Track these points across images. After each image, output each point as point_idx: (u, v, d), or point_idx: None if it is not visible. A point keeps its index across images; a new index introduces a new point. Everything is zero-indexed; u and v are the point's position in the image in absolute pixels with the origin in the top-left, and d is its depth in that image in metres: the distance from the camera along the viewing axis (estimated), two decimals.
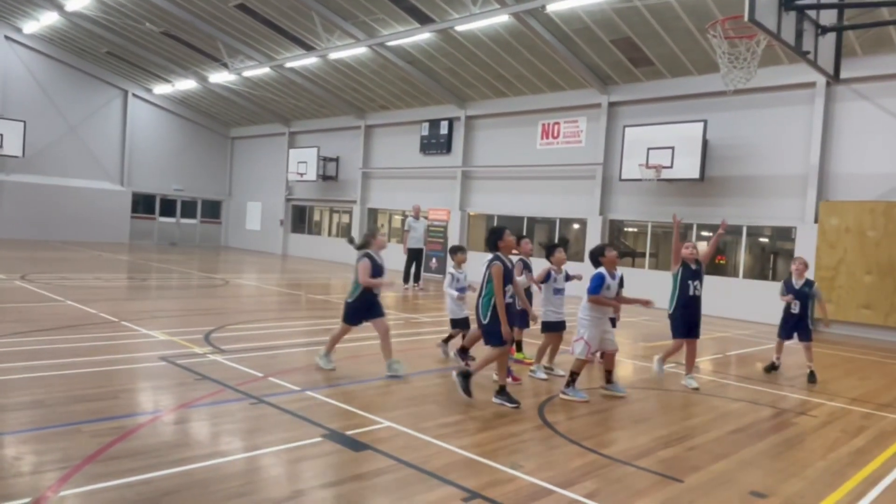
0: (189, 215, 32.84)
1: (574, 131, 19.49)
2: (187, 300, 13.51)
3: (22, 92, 27.07)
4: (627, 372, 8.88)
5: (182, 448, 4.77)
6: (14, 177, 26.79)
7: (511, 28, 16.63)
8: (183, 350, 8.03)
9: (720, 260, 17.67)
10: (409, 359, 8.55)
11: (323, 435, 5.14)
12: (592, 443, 5.41)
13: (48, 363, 6.95)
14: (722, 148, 16.22)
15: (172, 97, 30.81)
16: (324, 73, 23.24)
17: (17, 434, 4.82)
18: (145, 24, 22.60)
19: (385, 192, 25.56)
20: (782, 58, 14.64)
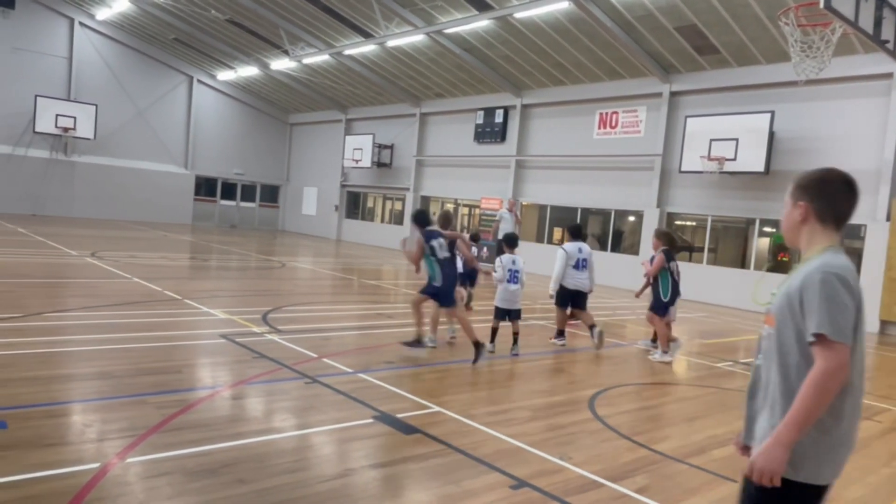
0: (248, 199, 33.74)
1: (633, 121, 19.07)
2: (246, 281, 13.91)
3: (94, 76, 28.26)
4: (681, 368, 8.69)
5: (239, 423, 4.94)
6: (85, 158, 28.04)
7: (571, 15, 16.35)
8: (242, 329, 8.29)
9: (783, 257, 17.05)
10: (459, 346, 8.60)
11: (374, 417, 5.23)
12: (644, 438, 5.34)
13: (116, 336, 7.30)
14: (789, 140, 15.59)
15: (235, 83, 31.61)
16: (381, 60, 23.40)
17: (86, 402, 5.09)
18: (211, 11, 23.22)
19: (438, 180, 25.64)
20: (857, 47, 13.94)
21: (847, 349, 2.12)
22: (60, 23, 27.25)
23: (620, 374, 7.83)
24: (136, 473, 3.86)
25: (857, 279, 2.23)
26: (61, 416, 4.74)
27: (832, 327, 2.11)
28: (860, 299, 2.21)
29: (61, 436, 4.35)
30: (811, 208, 2.36)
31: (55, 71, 27.28)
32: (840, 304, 2.14)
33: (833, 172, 2.39)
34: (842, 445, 2.22)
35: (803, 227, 2.39)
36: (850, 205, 2.36)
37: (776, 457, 2.12)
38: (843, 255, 2.29)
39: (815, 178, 2.39)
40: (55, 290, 10.24)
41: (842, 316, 2.13)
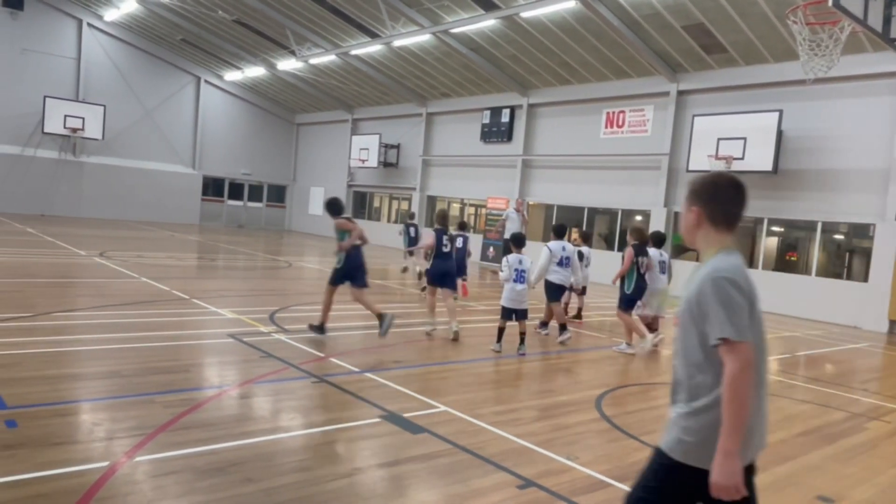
0: (255, 199, 33.84)
1: (640, 120, 19.02)
2: (253, 280, 13.95)
3: (102, 77, 28.41)
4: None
5: (247, 422, 4.96)
6: (94, 158, 28.19)
7: (578, 14, 16.32)
8: (249, 328, 8.32)
9: (791, 256, 16.97)
10: (466, 345, 8.60)
11: (381, 416, 5.24)
12: (652, 438, 5.32)
13: (124, 336, 7.33)
14: (797, 139, 15.51)
15: (242, 84, 31.70)
16: (387, 60, 23.42)
17: (95, 402, 5.11)
18: (218, 12, 23.29)
19: (445, 179, 25.64)
20: (866, 45, 13.85)
21: (750, 346, 2.24)
22: (68, 24, 27.41)
23: (627, 374, 7.82)
24: (144, 472, 3.88)
25: (747, 276, 2.35)
26: (70, 415, 4.76)
27: (733, 329, 2.23)
28: (752, 295, 2.33)
29: (70, 434, 4.38)
30: (703, 213, 2.48)
31: (63, 72, 27.43)
32: (735, 306, 2.26)
33: (722, 177, 2.52)
34: (750, 433, 2.29)
35: (698, 231, 2.50)
36: (740, 207, 2.48)
37: (729, 469, 2.22)
38: (734, 255, 2.41)
39: (706, 183, 2.51)
40: (64, 290, 10.30)
41: (737, 316, 2.25)
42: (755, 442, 2.35)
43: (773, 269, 16.55)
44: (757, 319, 2.35)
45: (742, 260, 2.42)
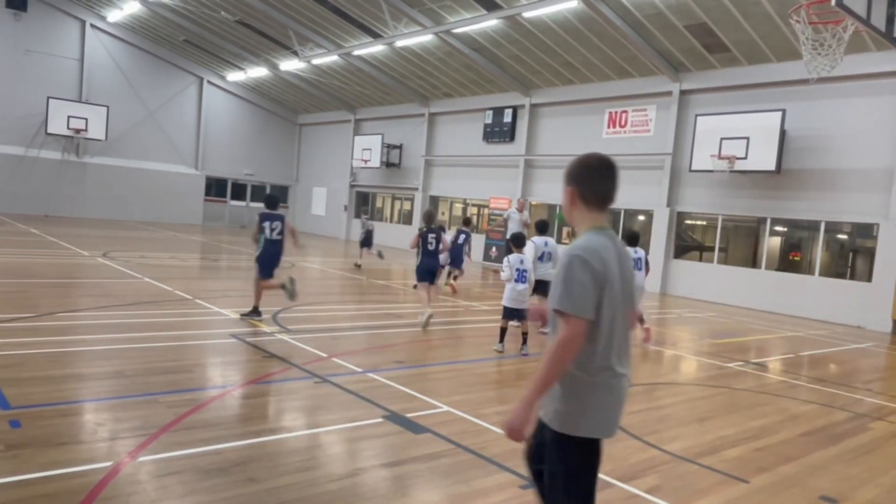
0: (258, 199, 33.84)
1: (642, 120, 19.00)
2: None
3: (105, 78, 28.46)
4: (692, 368, 8.65)
5: (250, 422, 4.97)
6: (97, 159, 28.24)
7: (580, 14, 16.31)
8: (252, 328, 8.33)
9: (794, 256, 16.94)
10: (468, 345, 8.60)
11: (384, 416, 5.24)
12: (654, 438, 5.32)
13: (127, 336, 7.34)
14: (801, 139, 15.48)
15: (245, 84, 31.74)
16: (390, 60, 23.43)
17: (98, 402, 5.12)
18: (221, 12, 23.33)
19: (447, 179, 25.64)
20: (869, 44, 13.82)
21: (581, 322, 2.37)
22: (72, 25, 27.46)
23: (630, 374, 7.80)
24: (147, 472, 3.89)
25: (606, 257, 2.46)
26: (74, 415, 4.78)
27: (568, 303, 2.37)
28: (605, 275, 2.43)
29: (74, 435, 4.39)
30: (576, 192, 2.61)
31: (67, 73, 27.49)
32: (576, 282, 2.39)
33: (592, 157, 2.63)
34: (600, 405, 2.47)
35: (573, 210, 2.64)
36: (610, 185, 2.61)
37: (522, 416, 2.42)
38: (602, 235, 2.54)
39: (578, 164, 2.63)
40: (67, 291, 10.32)
41: (578, 293, 2.38)
42: (607, 418, 2.50)
43: (776, 268, 16.52)
44: (612, 299, 2.45)
45: (610, 241, 2.53)
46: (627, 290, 2.55)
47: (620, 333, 2.52)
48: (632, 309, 2.62)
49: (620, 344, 2.53)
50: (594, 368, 2.46)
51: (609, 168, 2.62)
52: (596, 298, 2.41)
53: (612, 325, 2.47)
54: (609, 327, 2.46)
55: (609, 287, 2.44)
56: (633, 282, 2.65)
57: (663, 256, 18.05)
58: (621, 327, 2.52)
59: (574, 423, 2.47)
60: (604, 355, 2.47)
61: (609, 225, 2.61)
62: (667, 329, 11.91)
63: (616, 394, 2.52)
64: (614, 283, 2.47)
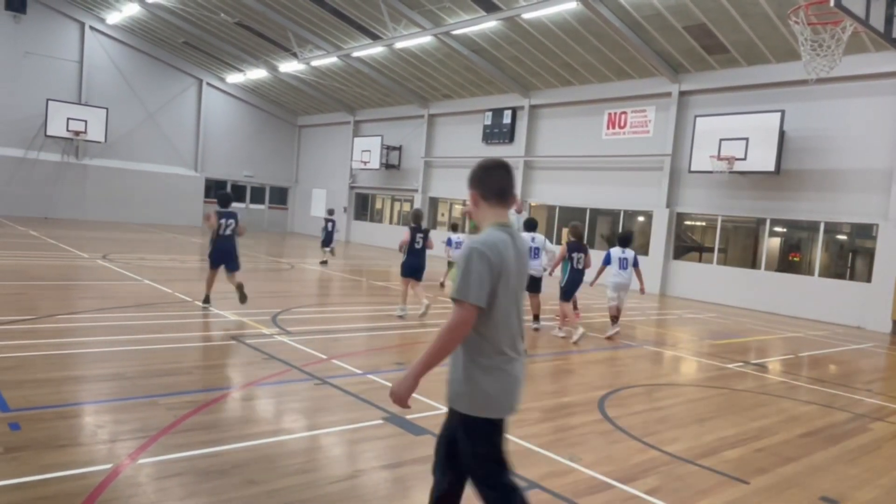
0: (258, 201, 33.88)
1: (642, 121, 19.01)
2: (256, 283, 13.94)
3: (105, 80, 28.46)
4: (692, 369, 8.65)
5: (250, 424, 4.96)
6: (96, 161, 28.24)
7: (579, 15, 16.32)
8: (252, 330, 8.33)
9: (794, 257, 16.94)
10: None
11: (384, 418, 5.24)
12: (654, 439, 5.32)
13: (127, 338, 7.34)
14: (800, 139, 15.49)
15: (244, 86, 31.75)
16: (389, 62, 23.44)
17: (98, 404, 5.12)
18: (220, 14, 23.34)
19: (446, 181, 25.64)
20: (868, 45, 13.84)
21: (471, 308, 2.61)
22: (71, 27, 27.47)
23: (630, 375, 7.81)
24: (147, 474, 3.88)
25: (503, 250, 2.69)
26: (73, 418, 4.77)
27: (460, 291, 2.62)
28: (502, 266, 2.67)
29: (74, 437, 4.38)
30: (478, 194, 2.86)
31: (66, 75, 27.49)
32: (472, 272, 2.62)
33: (488, 161, 2.91)
34: (497, 388, 2.72)
35: (478, 210, 2.88)
36: (506, 181, 2.86)
37: (404, 385, 2.73)
38: (502, 231, 2.77)
39: (476, 169, 2.89)
40: (67, 293, 10.32)
41: (472, 282, 2.61)
42: (504, 400, 2.76)
43: (776, 269, 16.52)
44: (507, 290, 2.71)
45: (509, 236, 2.77)
46: (522, 282, 2.85)
47: (515, 321, 2.78)
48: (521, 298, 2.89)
49: (514, 331, 2.79)
50: (490, 354, 2.71)
51: (503, 167, 2.88)
52: (491, 288, 2.64)
53: (507, 314, 2.73)
54: (504, 316, 2.72)
55: (505, 278, 2.69)
56: (526, 274, 2.94)
57: (663, 257, 18.05)
58: (515, 316, 2.79)
59: (475, 404, 2.72)
60: (499, 342, 2.72)
61: (509, 221, 2.87)
62: (666, 330, 11.92)
63: (512, 376, 2.77)
64: (510, 276, 2.72)
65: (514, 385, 2.79)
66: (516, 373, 2.79)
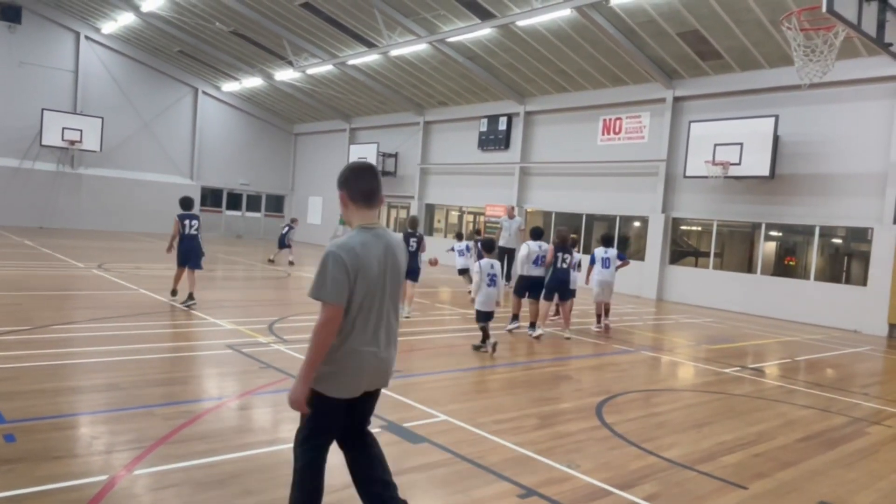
0: (254, 209, 33.85)
1: (636, 127, 19.08)
2: (252, 291, 13.94)
3: (100, 89, 28.46)
4: (689, 374, 8.65)
5: (246, 433, 4.94)
6: (92, 170, 28.21)
7: (573, 22, 16.40)
8: (248, 339, 8.30)
9: (789, 261, 16.99)
10: (466, 354, 8.59)
11: (381, 426, 5.22)
12: (652, 445, 5.31)
13: (123, 348, 7.31)
14: (794, 144, 15.57)
15: (240, 94, 31.78)
16: (385, 69, 23.50)
17: (94, 415, 5.09)
18: (215, 23, 23.38)
19: (443, 187, 25.68)
20: (861, 50, 13.93)
21: (333, 307, 2.88)
22: (66, 37, 27.48)
23: (628, 381, 7.80)
24: (143, 485, 3.86)
25: (359, 252, 2.94)
26: (69, 429, 4.75)
27: (318, 292, 2.88)
28: (359, 267, 2.93)
29: (69, 448, 4.36)
30: (346, 195, 3.07)
31: (61, 84, 27.48)
32: (327, 275, 2.88)
33: (355, 164, 3.16)
34: (347, 374, 3.02)
35: (347, 211, 3.10)
36: (372, 183, 3.09)
37: (298, 390, 2.99)
38: (366, 233, 3.02)
39: (344, 171, 3.11)
40: (62, 303, 10.28)
41: (329, 283, 2.87)
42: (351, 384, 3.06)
43: (771, 273, 16.57)
44: (367, 288, 2.96)
45: (375, 237, 3.02)
46: (393, 278, 3.11)
47: (374, 316, 3.04)
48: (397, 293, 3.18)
49: (377, 325, 3.06)
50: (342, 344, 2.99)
51: (369, 170, 3.12)
52: (348, 288, 2.90)
53: (367, 310, 3.00)
54: (363, 311, 2.99)
55: (362, 278, 2.94)
56: (401, 270, 3.18)
57: (659, 262, 18.09)
58: (375, 311, 3.04)
59: (324, 383, 3.01)
60: (353, 334, 2.99)
61: (377, 221, 3.11)
62: (663, 335, 11.92)
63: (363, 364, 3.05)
64: (369, 275, 2.96)
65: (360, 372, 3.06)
66: (367, 363, 3.06)
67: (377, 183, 3.09)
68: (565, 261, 10.42)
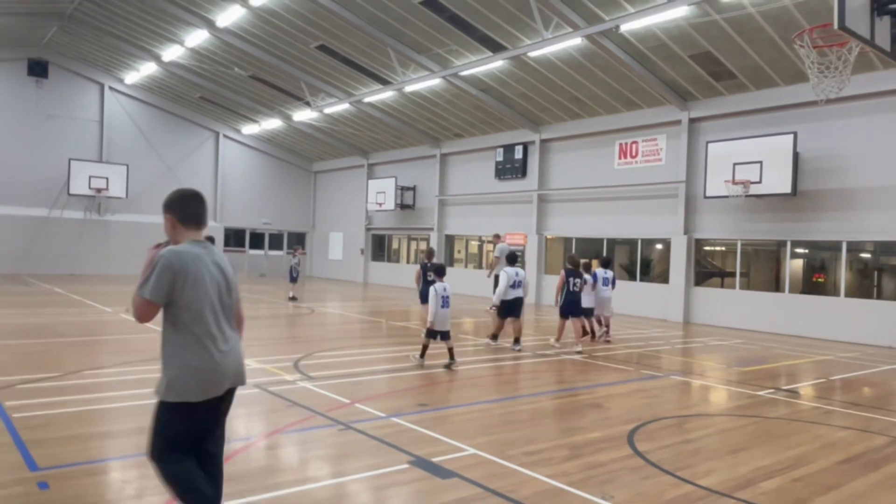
0: (276, 247, 34.22)
1: (653, 149, 19.06)
2: (277, 329, 14.02)
3: (124, 138, 29.24)
4: (722, 398, 8.47)
5: (276, 473, 4.93)
6: (118, 217, 28.82)
7: (584, 50, 16.55)
8: (274, 377, 8.32)
9: (818, 278, 16.68)
10: (492, 385, 8.51)
11: (409, 461, 5.17)
12: (687, 473, 5.19)
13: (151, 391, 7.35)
14: (815, 160, 15.41)
15: (259, 136, 32.43)
16: (400, 105, 23.86)
17: (125, 459, 5.12)
18: (234, 69, 24.00)
19: (461, 218, 25.78)
20: (876, 63, 13.85)
21: (146, 303, 3.28)
22: (91, 88, 28.39)
23: (658, 407, 7.66)
24: None
25: (186, 259, 3.31)
26: (101, 474, 4.78)
27: (146, 290, 3.28)
28: (185, 271, 3.29)
29: (101, 494, 4.38)
30: (174, 218, 3.49)
31: (87, 134, 28.31)
32: (155, 276, 3.26)
33: (181, 190, 3.56)
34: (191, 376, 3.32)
35: (174, 231, 3.50)
36: (199, 208, 3.53)
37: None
38: (196, 247, 3.42)
39: (172, 196, 3.53)
40: (91, 348, 10.42)
41: (151, 282, 3.26)
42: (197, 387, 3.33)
43: (800, 291, 16.27)
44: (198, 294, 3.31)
45: (204, 250, 3.42)
46: (225, 290, 3.46)
47: (211, 319, 3.35)
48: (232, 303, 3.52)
49: (212, 328, 3.36)
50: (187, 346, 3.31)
51: (196, 196, 3.54)
52: (169, 289, 3.26)
53: (199, 314, 3.32)
54: (196, 315, 3.31)
55: (191, 283, 3.28)
56: (232, 281, 3.52)
57: (684, 285, 17.87)
58: (212, 316, 3.36)
59: (168, 390, 3.33)
60: (188, 336, 3.31)
61: (204, 239, 3.50)
62: (693, 358, 11.72)
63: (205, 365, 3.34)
64: (199, 281, 3.31)
65: (203, 372, 3.34)
66: (212, 364, 3.36)
67: (204, 208, 3.54)
68: (576, 285, 11.56)
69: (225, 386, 3.46)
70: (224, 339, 3.43)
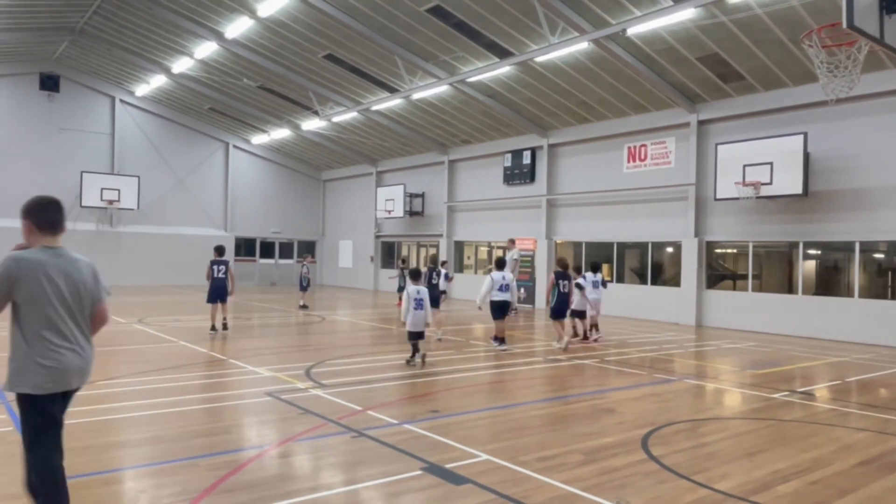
0: (286, 256, 34.36)
1: (662, 152, 19.00)
2: (288, 337, 14.06)
3: (135, 150, 29.51)
4: (736, 401, 8.41)
5: (290, 481, 4.94)
6: (130, 228, 29.05)
7: (591, 54, 16.55)
8: (286, 385, 8.34)
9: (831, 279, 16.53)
10: (504, 390, 8.49)
11: (422, 468, 5.17)
12: (703, 477, 5.15)
13: (165, 401, 7.41)
14: (826, 160, 15.31)
15: (269, 146, 32.62)
16: (408, 112, 23.94)
17: (139, 468, 5.15)
18: (243, 80, 24.18)
19: (470, 224, 25.78)
20: (886, 62, 13.75)
21: None
22: (102, 102, 28.68)
23: (672, 411, 7.61)
24: None
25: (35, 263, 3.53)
26: (116, 484, 4.80)
27: None
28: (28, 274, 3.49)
29: (117, 503, 4.39)
30: (31, 223, 3.66)
31: (99, 147, 28.59)
32: None
33: (40, 197, 3.73)
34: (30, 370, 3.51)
35: (30, 236, 3.67)
36: (56, 216, 3.74)
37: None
38: (45, 253, 3.61)
39: (29, 203, 3.68)
40: (105, 359, 10.48)
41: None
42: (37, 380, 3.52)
43: (813, 293, 16.13)
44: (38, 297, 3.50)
45: (54, 256, 3.61)
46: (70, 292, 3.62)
47: (56, 318, 3.55)
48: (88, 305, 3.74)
49: (61, 327, 3.57)
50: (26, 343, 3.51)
51: (54, 204, 3.73)
52: (7, 292, 3.45)
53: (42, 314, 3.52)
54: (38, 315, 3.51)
55: (30, 286, 3.47)
56: (83, 285, 3.70)
57: (696, 287, 17.77)
58: (57, 315, 3.56)
59: (12, 383, 3.52)
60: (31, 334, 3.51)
61: (59, 245, 3.69)
62: (705, 361, 11.64)
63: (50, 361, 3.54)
64: (37, 286, 3.49)
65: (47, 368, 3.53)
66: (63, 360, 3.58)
67: (62, 216, 3.74)
68: (566, 286, 12.29)
69: (71, 383, 3.68)
70: (66, 339, 3.61)
